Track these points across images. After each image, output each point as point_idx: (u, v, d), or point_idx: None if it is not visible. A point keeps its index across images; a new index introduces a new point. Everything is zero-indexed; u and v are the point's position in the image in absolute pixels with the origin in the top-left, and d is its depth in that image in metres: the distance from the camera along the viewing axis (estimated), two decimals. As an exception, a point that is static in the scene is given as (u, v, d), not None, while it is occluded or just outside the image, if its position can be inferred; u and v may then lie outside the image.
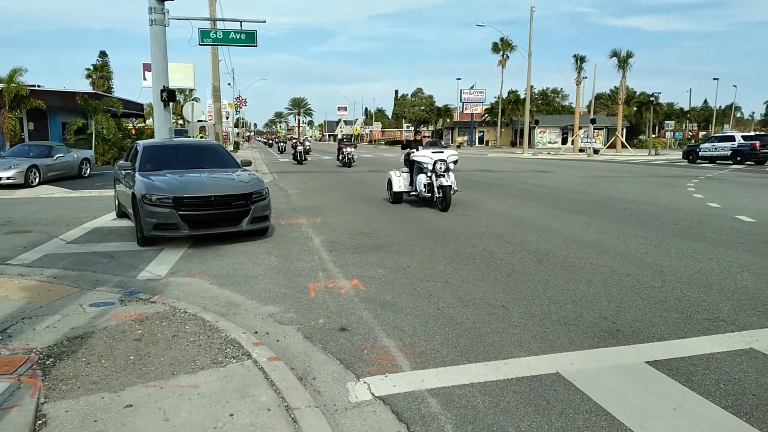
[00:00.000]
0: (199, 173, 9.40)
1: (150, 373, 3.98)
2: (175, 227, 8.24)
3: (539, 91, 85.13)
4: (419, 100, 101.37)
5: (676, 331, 4.95)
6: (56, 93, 27.91)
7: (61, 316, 5.17)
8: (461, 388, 3.88)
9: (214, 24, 19.13)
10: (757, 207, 12.99)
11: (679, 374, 4.07)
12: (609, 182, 20.39)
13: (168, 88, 14.66)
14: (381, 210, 12.64)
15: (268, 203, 9.20)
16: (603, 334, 4.89)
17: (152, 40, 14.41)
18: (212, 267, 7.33)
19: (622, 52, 50.65)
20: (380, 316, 5.38)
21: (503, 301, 5.79)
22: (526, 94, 55.33)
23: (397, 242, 8.87)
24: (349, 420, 3.47)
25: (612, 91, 78.67)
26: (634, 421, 3.40)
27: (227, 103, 58.60)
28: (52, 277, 6.68)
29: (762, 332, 4.88)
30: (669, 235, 9.33)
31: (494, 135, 77.63)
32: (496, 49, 70.55)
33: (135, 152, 10.35)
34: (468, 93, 76.37)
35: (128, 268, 7.31)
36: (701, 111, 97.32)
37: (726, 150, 33.24)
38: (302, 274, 6.93)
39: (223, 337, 4.67)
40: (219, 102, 34.43)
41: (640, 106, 69.04)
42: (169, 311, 5.32)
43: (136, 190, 8.55)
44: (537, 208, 12.76)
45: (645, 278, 6.65)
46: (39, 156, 18.68)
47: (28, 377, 3.85)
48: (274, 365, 4.10)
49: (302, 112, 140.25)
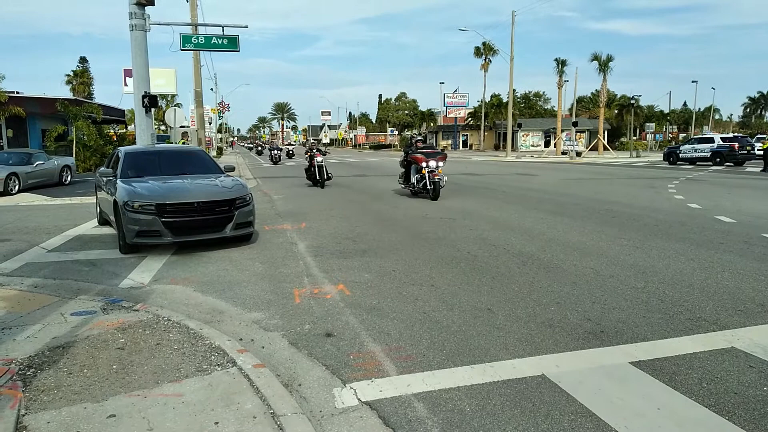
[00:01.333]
0: (181, 179, 9.32)
1: (133, 382, 3.93)
2: (158, 234, 8.16)
3: (522, 95, 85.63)
4: (403, 105, 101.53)
5: (659, 331, 5.00)
6: (35, 99, 27.59)
7: (42, 325, 5.10)
8: (447, 391, 3.89)
9: (196, 29, 19.02)
10: (737, 207, 13.19)
11: (662, 374, 4.11)
12: (591, 184, 20.57)
13: (150, 94, 14.54)
14: (366, 214, 12.64)
15: (252, 209, 9.15)
16: (587, 335, 4.92)
17: (133, 45, 14.30)
18: (196, 274, 7.27)
19: (602, 56, 51.19)
20: (366, 320, 5.37)
21: (488, 304, 5.81)
22: (508, 97, 55.70)
23: (382, 246, 8.87)
24: (335, 426, 3.45)
25: (593, 94, 79.55)
26: (619, 422, 3.43)
27: (210, 109, 58.33)
28: (32, 286, 6.58)
29: (743, 331, 4.95)
30: (651, 236, 9.43)
31: (478, 139, 77.99)
32: (479, 53, 70.89)
33: (116, 159, 10.25)
34: (451, 97, 76.66)
35: (110, 276, 7.22)
36: (681, 113, 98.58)
37: (705, 151, 33.72)
38: (287, 280, 6.90)
39: (207, 344, 4.63)
40: (201, 107, 34.20)
41: (621, 109, 69.83)
42: (153, 319, 5.27)
43: (117, 197, 8.46)
44: (520, 211, 12.84)
45: (628, 279, 6.72)
46: (18, 163, 18.43)
47: (8, 388, 3.79)
48: (259, 372, 4.07)
49: (286, 116, 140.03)
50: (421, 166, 15.55)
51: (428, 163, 15.31)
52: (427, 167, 15.32)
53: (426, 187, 15.32)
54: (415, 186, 15.93)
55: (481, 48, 70.20)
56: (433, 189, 15.03)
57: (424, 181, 15.44)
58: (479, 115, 73.93)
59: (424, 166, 15.43)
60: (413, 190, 16.16)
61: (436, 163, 15.33)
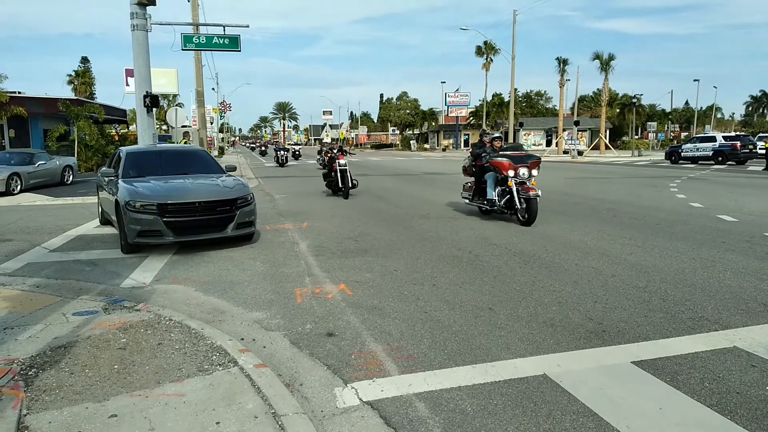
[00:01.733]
0: (183, 179, 9.33)
1: (135, 382, 3.93)
2: (160, 234, 8.17)
3: (523, 94, 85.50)
4: (404, 104, 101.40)
5: (661, 330, 4.99)
6: (37, 99, 27.62)
7: (43, 325, 5.10)
8: (449, 391, 3.88)
9: (197, 29, 19.03)
10: (739, 206, 13.16)
11: (664, 374, 4.10)
12: (593, 183, 20.55)
13: (151, 94, 14.56)
14: (368, 214, 12.63)
15: (254, 208, 9.15)
16: (589, 334, 4.92)
17: (134, 45, 14.32)
18: (198, 274, 7.27)
19: (604, 55, 51.18)
20: (367, 320, 5.37)
21: (490, 304, 5.80)
22: (510, 96, 55.61)
23: (383, 246, 8.87)
24: (336, 426, 3.45)
25: (595, 93, 79.44)
26: (621, 422, 3.42)
27: (211, 108, 58.36)
28: (34, 286, 6.59)
29: (745, 330, 4.94)
30: (652, 235, 9.42)
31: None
32: (480, 52, 70.81)
33: (118, 159, 10.26)
34: (453, 96, 76.65)
35: (112, 275, 7.23)
36: (683, 112, 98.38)
37: (707, 150, 33.65)
38: (289, 280, 6.90)
39: (209, 344, 4.63)
40: (203, 107, 34.23)
41: (622, 108, 69.69)
42: (154, 319, 5.27)
43: (119, 197, 8.46)
44: (522, 210, 12.80)
45: (630, 278, 6.71)
46: (20, 163, 18.45)
47: (10, 388, 3.79)
48: (260, 372, 4.07)
49: (287, 116, 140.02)
50: (506, 175, 10.81)
51: (517, 171, 10.73)
52: (515, 177, 10.73)
53: (512, 205, 10.83)
54: (495, 203, 11.12)
55: (482, 47, 70.13)
56: (527, 211, 10.53)
57: (508, 197, 10.91)
58: (481, 115, 73.83)
59: (511, 176, 10.75)
60: (486, 208, 11.76)
61: (528, 171, 10.82)
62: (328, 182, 16.75)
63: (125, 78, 28.81)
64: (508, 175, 10.76)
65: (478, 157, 12.11)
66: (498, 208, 11.13)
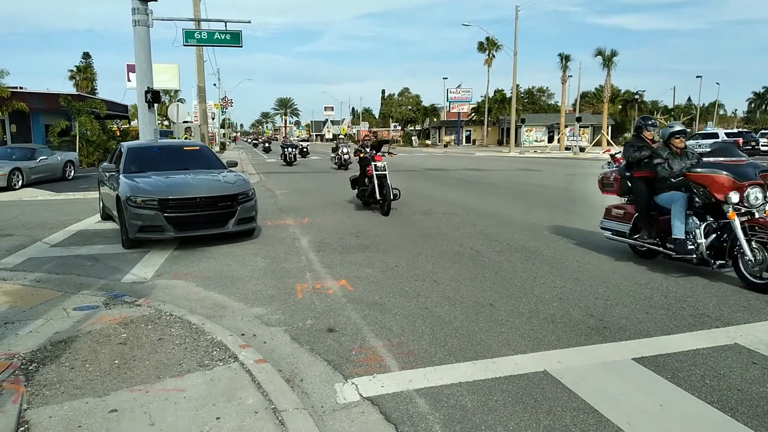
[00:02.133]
0: (184, 175, 9.32)
1: (135, 377, 3.93)
2: (161, 229, 8.17)
3: (525, 90, 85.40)
4: (406, 100, 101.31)
5: (662, 327, 4.98)
6: (39, 95, 27.61)
7: (44, 320, 5.10)
8: (449, 387, 3.88)
9: (199, 24, 19.01)
10: (741, 203, 13.10)
11: (665, 370, 4.09)
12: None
13: (152, 89, 14.54)
14: (369, 210, 12.61)
15: (255, 204, 9.15)
16: (590, 331, 4.91)
17: (136, 41, 14.30)
18: (198, 269, 7.27)
19: (606, 51, 50.90)
20: (368, 316, 5.36)
21: (491, 300, 5.80)
22: (512, 92, 55.54)
23: (384, 242, 8.86)
24: (337, 421, 3.45)
25: (597, 89, 79.07)
26: (622, 418, 3.41)
27: (213, 104, 58.31)
28: (35, 281, 6.59)
29: (746, 327, 4.93)
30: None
31: (481, 134, 77.84)
32: (482, 48, 70.74)
33: (119, 154, 10.25)
34: (454, 92, 76.47)
35: (113, 270, 7.23)
36: (685, 108, 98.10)
37: (710, 147, 33.56)
38: (289, 275, 6.90)
39: (209, 339, 4.63)
40: (204, 103, 34.18)
41: (625, 104, 69.65)
42: (155, 314, 5.27)
43: (120, 192, 8.46)
44: (524, 207, 12.81)
45: (631, 275, 6.69)
46: (22, 158, 18.46)
47: (11, 383, 3.79)
48: (261, 367, 4.07)
49: (289, 112, 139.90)
50: (723, 200, 6.22)
51: (744, 194, 6.10)
52: (740, 203, 6.15)
53: (724, 252, 6.34)
54: (691, 248, 6.43)
55: (484, 43, 70.10)
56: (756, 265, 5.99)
57: (716, 235, 6.40)
58: (482, 111, 73.84)
59: (733, 202, 6.11)
60: (663, 252, 6.92)
61: (763, 192, 6.17)
62: (360, 191, 12.88)
63: (127, 73, 28.73)
64: (729, 200, 6.14)
65: (638, 164, 7.32)
66: (697, 256, 6.42)
